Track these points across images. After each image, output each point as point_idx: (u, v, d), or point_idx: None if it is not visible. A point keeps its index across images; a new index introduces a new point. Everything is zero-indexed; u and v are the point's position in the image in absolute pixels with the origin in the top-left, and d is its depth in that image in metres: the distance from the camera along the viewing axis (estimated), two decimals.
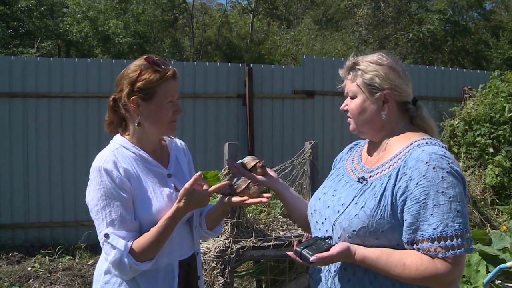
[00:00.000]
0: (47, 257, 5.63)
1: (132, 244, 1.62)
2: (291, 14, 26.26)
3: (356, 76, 1.57)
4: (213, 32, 24.23)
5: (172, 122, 1.74)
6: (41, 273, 5.17)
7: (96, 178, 1.64)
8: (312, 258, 1.42)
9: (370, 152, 1.66)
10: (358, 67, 1.58)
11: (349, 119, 1.64)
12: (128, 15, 17.65)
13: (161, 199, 1.70)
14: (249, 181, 1.72)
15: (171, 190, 1.75)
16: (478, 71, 8.54)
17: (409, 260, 1.38)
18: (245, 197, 1.71)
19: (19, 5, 14.99)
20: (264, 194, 1.73)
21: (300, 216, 1.79)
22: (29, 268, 5.28)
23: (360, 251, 1.43)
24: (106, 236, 1.61)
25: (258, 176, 1.76)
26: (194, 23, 23.40)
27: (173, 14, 21.05)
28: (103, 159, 1.67)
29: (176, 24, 22.48)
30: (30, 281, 4.97)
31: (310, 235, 1.59)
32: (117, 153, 1.70)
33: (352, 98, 1.60)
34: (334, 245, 1.46)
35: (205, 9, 26.33)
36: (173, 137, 1.92)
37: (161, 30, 21.07)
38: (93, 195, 1.65)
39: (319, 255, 1.42)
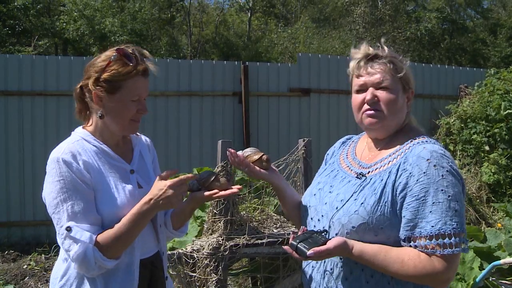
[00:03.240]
0: (43, 255, 5.62)
1: (97, 238, 1.52)
2: (289, 12, 26.24)
3: (395, 69, 1.52)
4: (210, 30, 24.21)
5: (133, 121, 1.65)
6: (37, 271, 5.16)
7: (54, 169, 1.54)
8: (309, 252, 1.38)
9: (368, 147, 1.64)
10: (392, 59, 1.53)
11: (375, 112, 1.53)
12: (125, 13, 17.62)
13: (123, 196, 1.61)
14: (217, 174, 1.67)
15: (134, 187, 1.66)
16: (474, 69, 8.54)
17: (407, 257, 1.38)
18: (215, 190, 1.63)
19: (16, 3, 14.94)
20: (234, 186, 1.66)
21: (298, 213, 1.75)
22: (25, 266, 5.28)
23: (358, 246, 1.41)
24: (68, 229, 1.49)
25: (262, 171, 1.70)
26: (192, 21, 23.36)
27: (170, 12, 21.03)
28: (61, 150, 1.58)
29: (173, 22, 22.45)
30: (26, 279, 4.97)
31: (306, 228, 1.55)
32: (78, 145, 1.61)
33: (388, 89, 1.51)
34: (330, 239, 1.43)
35: (202, 7, 26.29)
36: (138, 133, 1.82)
37: (158, 28, 21.05)
38: (51, 188, 1.54)
39: (316, 249, 1.38)
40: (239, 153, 1.70)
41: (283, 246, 1.55)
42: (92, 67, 1.63)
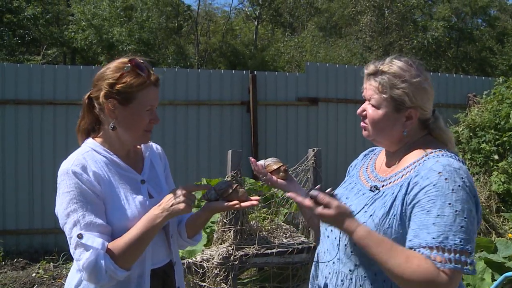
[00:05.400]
0: (51, 263, 5.64)
1: (108, 245, 1.49)
2: (295, 21, 26.34)
3: (384, 87, 1.49)
4: (217, 39, 24.33)
5: (147, 131, 1.64)
6: (45, 279, 5.17)
7: (64, 181, 1.54)
8: (313, 192, 1.39)
9: (386, 161, 1.62)
10: (386, 77, 1.50)
11: (364, 125, 1.58)
12: (133, 22, 17.77)
13: (134, 207, 1.59)
14: (236, 184, 1.66)
15: (145, 197, 1.64)
16: (483, 77, 8.51)
17: (413, 256, 1.31)
18: (235, 202, 1.61)
19: (26, 13, 15.13)
20: (253, 197, 1.64)
21: (317, 222, 1.73)
22: (34, 274, 5.29)
23: (365, 228, 1.37)
24: (80, 236, 1.47)
25: (280, 181, 1.72)
26: (199, 30, 23.51)
27: (177, 21, 21.18)
28: (71, 162, 1.57)
29: (181, 31, 22.59)
30: (34, 287, 4.98)
31: (333, 191, 1.48)
32: (87, 156, 1.60)
33: (374, 107, 1.53)
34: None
35: (209, 16, 26.46)
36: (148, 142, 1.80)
37: (165, 37, 21.20)
38: (62, 199, 1.53)
39: (322, 194, 1.38)
40: (260, 162, 1.74)
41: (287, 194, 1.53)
42: (102, 79, 1.61)
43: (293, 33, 24.87)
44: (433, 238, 1.30)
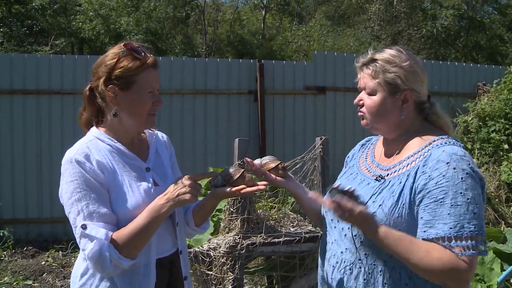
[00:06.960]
0: (60, 252, 5.70)
1: (112, 235, 1.49)
2: (303, 10, 26.13)
3: (377, 73, 1.53)
4: (225, 28, 24.22)
5: (151, 115, 1.63)
6: (54, 267, 5.23)
7: (68, 170, 1.54)
8: (335, 197, 1.36)
9: (385, 150, 1.63)
10: (377, 63, 1.53)
11: (362, 113, 1.60)
12: (140, 12, 17.73)
13: (138, 194, 1.59)
14: (243, 169, 1.64)
15: (149, 185, 1.63)
16: (493, 66, 8.41)
17: (432, 248, 1.35)
18: (242, 186, 1.60)
19: (34, 4, 15.14)
20: (260, 182, 1.64)
21: (319, 217, 1.76)
22: (43, 262, 5.35)
23: (385, 227, 1.39)
24: (84, 227, 1.47)
25: (278, 178, 1.72)
26: (206, 20, 23.41)
27: (185, 11, 21.06)
28: (74, 151, 1.57)
29: (188, 21, 22.50)
30: (44, 275, 5.04)
31: (354, 190, 1.42)
32: (91, 145, 1.60)
33: (370, 94, 1.55)
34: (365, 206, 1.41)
35: (217, 5, 26.31)
36: (154, 129, 1.80)
37: (173, 27, 21.12)
38: (66, 188, 1.53)
39: (344, 200, 1.35)
40: (257, 161, 1.72)
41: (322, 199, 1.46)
42: (100, 66, 1.61)
43: (301, 22, 24.66)
44: (450, 228, 1.35)
